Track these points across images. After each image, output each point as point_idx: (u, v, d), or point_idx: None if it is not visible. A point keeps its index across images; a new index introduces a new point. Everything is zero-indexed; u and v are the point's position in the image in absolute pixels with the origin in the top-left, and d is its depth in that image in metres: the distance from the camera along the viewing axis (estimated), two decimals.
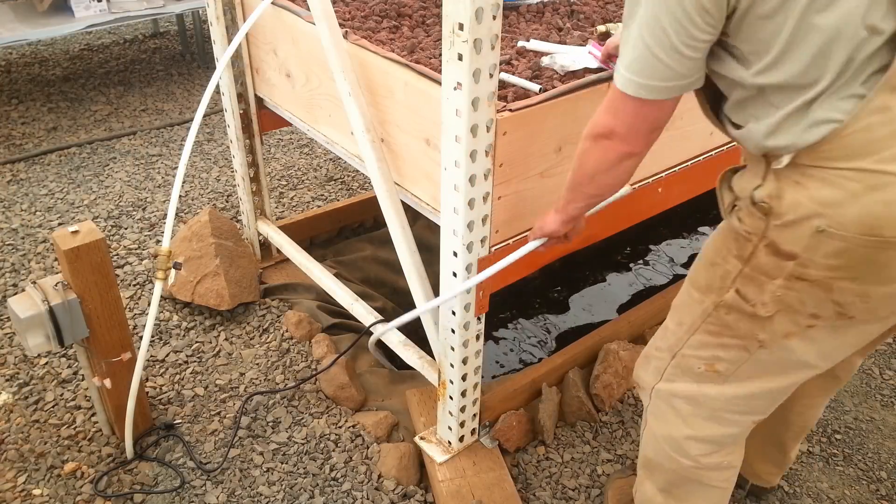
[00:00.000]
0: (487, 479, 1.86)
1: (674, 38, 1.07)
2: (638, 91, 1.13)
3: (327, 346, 2.26)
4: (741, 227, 1.19)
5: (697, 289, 1.33)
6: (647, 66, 1.11)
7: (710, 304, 1.29)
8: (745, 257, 1.20)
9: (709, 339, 1.33)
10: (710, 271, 1.28)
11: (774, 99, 1.09)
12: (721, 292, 1.26)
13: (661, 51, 1.08)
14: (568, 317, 2.81)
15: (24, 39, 3.53)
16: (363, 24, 1.93)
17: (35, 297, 1.66)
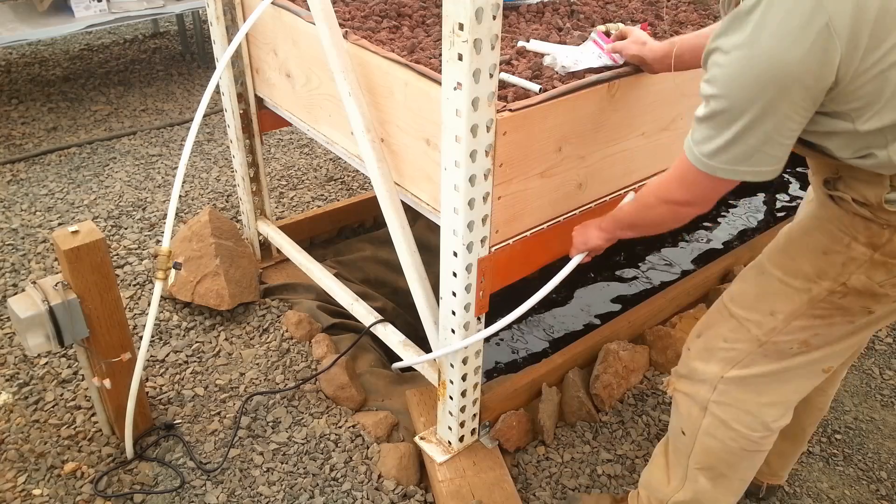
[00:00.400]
0: (487, 479, 1.86)
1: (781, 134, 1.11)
2: (727, 174, 1.17)
3: (327, 346, 2.26)
4: (877, 218, 1.21)
5: (802, 277, 1.34)
6: (743, 160, 1.14)
7: (822, 290, 1.31)
8: (880, 243, 1.23)
9: (813, 322, 1.35)
10: (823, 260, 1.30)
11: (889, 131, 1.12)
12: (841, 277, 1.29)
13: (768, 146, 1.12)
14: (568, 317, 2.81)
15: (24, 39, 3.53)
16: (363, 24, 1.93)
17: (35, 297, 1.66)
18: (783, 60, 1.03)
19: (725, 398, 1.48)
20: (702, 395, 1.51)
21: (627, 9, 2.13)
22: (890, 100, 1.09)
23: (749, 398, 1.46)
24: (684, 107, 1.86)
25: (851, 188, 1.23)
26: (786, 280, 1.37)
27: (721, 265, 2.61)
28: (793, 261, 1.36)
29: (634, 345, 2.26)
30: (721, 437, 1.51)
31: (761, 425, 1.48)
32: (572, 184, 1.71)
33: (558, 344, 2.63)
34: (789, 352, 1.40)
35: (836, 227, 1.28)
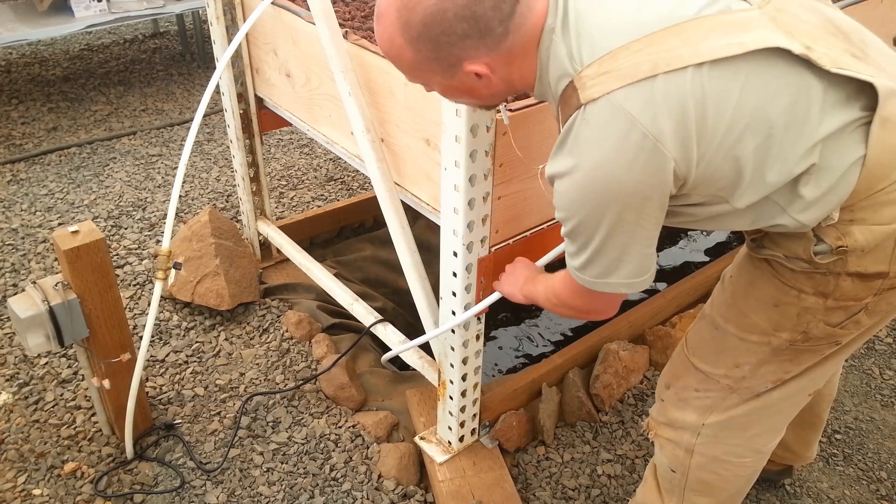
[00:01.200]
0: (487, 479, 1.86)
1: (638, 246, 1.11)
2: (609, 288, 1.16)
3: (327, 346, 2.26)
4: (818, 268, 1.17)
5: (758, 332, 1.30)
6: (639, 271, 1.14)
7: (783, 342, 1.28)
8: (828, 291, 1.19)
9: (781, 364, 1.32)
10: (776, 312, 1.26)
11: (778, 198, 1.10)
12: (799, 328, 1.25)
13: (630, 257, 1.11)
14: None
15: (24, 39, 3.53)
16: (363, 24, 1.93)
17: (35, 297, 1.66)
18: (613, 179, 1.02)
19: (711, 440, 1.46)
20: (685, 440, 1.48)
21: None
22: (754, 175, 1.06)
23: (736, 434, 1.44)
24: None
25: (779, 245, 1.20)
26: (742, 336, 1.33)
27: (721, 265, 2.61)
28: (745, 317, 1.32)
29: (634, 345, 2.26)
30: (713, 469, 1.50)
31: (752, 452, 1.47)
32: None
33: (557, 345, 2.63)
34: (765, 389, 1.37)
35: (780, 280, 1.24)
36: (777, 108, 1.03)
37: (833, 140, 1.06)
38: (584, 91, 1.02)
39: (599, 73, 1.01)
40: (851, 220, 1.11)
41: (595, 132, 1.02)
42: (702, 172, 1.05)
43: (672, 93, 1.00)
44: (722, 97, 1.01)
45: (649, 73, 0.99)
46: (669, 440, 1.52)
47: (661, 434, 1.54)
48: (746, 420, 1.42)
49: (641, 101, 0.99)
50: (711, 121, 1.02)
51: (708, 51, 1.00)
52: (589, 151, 1.03)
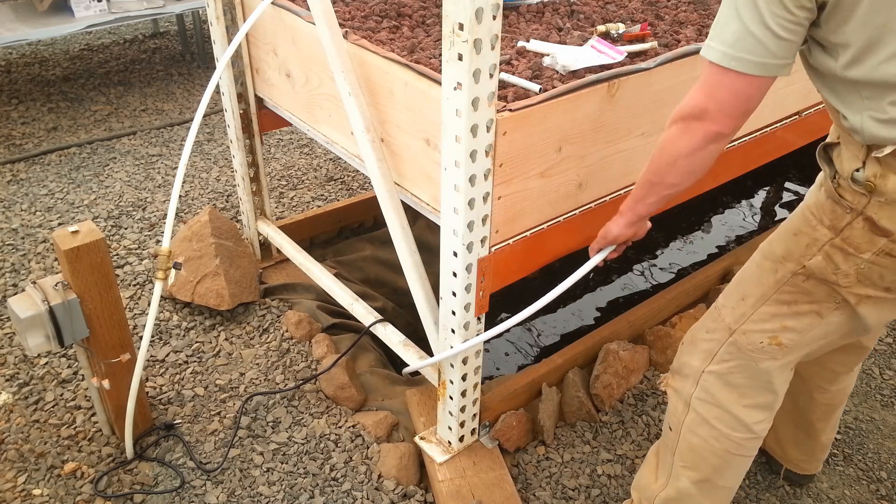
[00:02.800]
0: (487, 479, 1.86)
1: (767, 15, 1.10)
2: (731, 63, 1.14)
3: (327, 346, 2.26)
4: (841, 199, 1.22)
5: (771, 258, 1.38)
6: (741, 40, 1.13)
7: (786, 272, 1.34)
8: (840, 228, 1.24)
9: (780, 308, 1.37)
10: (792, 241, 1.33)
11: (866, 92, 1.13)
12: (803, 259, 1.31)
13: (755, 27, 1.11)
14: (567, 317, 2.81)
15: (24, 39, 3.53)
16: (363, 24, 1.93)
17: (35, 297, 1.66)
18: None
19: (707, 396, 1.50)
20: (686, 390, 1.53)
21: (627, 9, 2.13)
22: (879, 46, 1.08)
23: (730, 398, 1.47)
24: None
25: (839, 157, 1.24)
26: (760, 262, 1.41)
27: (721, 265, 2.61)
28: (770, 243, 1.40)
29: (634, 345, 2.26)
30: (703, 435, 1.52)
31: (743, 427, 1.49)
32: (572, 184, 1.71)
33: (557, 345, 2.63)
34: (759, 347, 1.41)
35: (810, 211, 1.30)
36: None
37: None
38: None
39: None
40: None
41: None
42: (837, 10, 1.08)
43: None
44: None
45: None
46: (675, 391, 1.57)
47: (671, 384, 1.59)
48: (742, 381, 1.45)
49: None
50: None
51: None
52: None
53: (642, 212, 1.46)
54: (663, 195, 1.39)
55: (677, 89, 1.80)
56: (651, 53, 1.79)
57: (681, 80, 1.78)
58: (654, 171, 1.35)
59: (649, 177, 1.37)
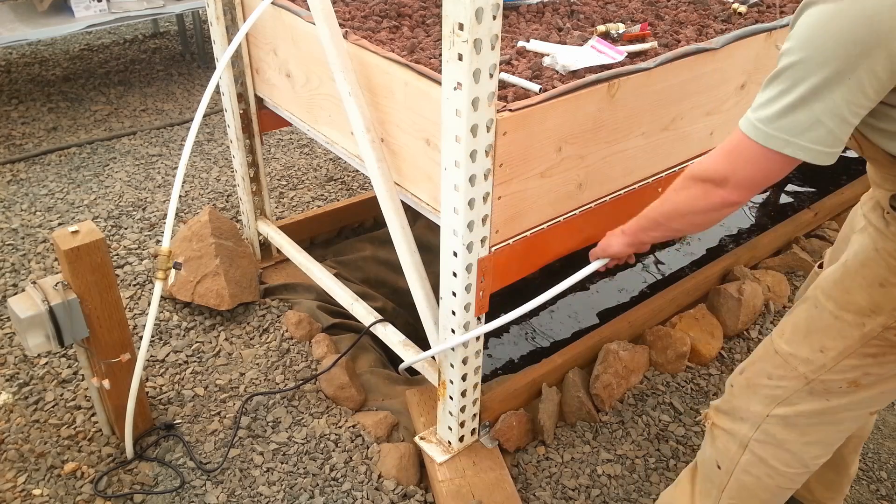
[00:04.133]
0: (487, 479, 1.86)
1: (843, 106, 1.03)
2: (787, 149, 1.07)
3: (327, 346, 2.26)
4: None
5: (854, 311, 1.26)
6: (809, 130, 1.05)
7: (876, 326, 1.24)
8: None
9: (865, 360, 1.28)
10: (879, 292, 1.22)
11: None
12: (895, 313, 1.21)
13: (828, 117, 1.04)
14: (568, 317, 2.81)
15: (24, 39, 3.53)
16: (363, 24, 1.93)
17: (35, 297, 1.66)
18: (874, 16, 0.95)
19: (768, 438, 1.42)
20: (743, 433, 1.44)
21: (627, 9, 2.13)
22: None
23: (793, 437, 1.40)
24: (684, 107, 1.86)
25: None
26: (838, 314, 1.28)
27: (721, 265, 2.61)
28: (847, 293, 1.27)
29: (634, 345, 2.26)
30: (757, 474, 1.46)
31: (800, 463, 1.43)
32: (572, 184, 1.71)
33: (557, 345, 2.63)
34: (838, 391, 1.32)
35: (894, 259, 1.20)
36: None
37: None
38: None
39: None
40: None
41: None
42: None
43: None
44: None
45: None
46: (725, 431, 1.48)
47: (719, 424, 1.50)
48: (808, 422, 1.37)
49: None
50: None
51: None
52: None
53: (645, 240, 1.45)
54: (668, 235, 1.40)
55: (677, 89, 1.80)
56: (651, 53, 1.79)
57: (681, 80, 1.78)
58: (663, 215, 1.34)
59: (657, 217, 1.35)
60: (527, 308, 1.63)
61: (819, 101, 1.03)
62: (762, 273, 2.66)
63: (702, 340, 2.36)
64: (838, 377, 1.31)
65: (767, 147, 1.09)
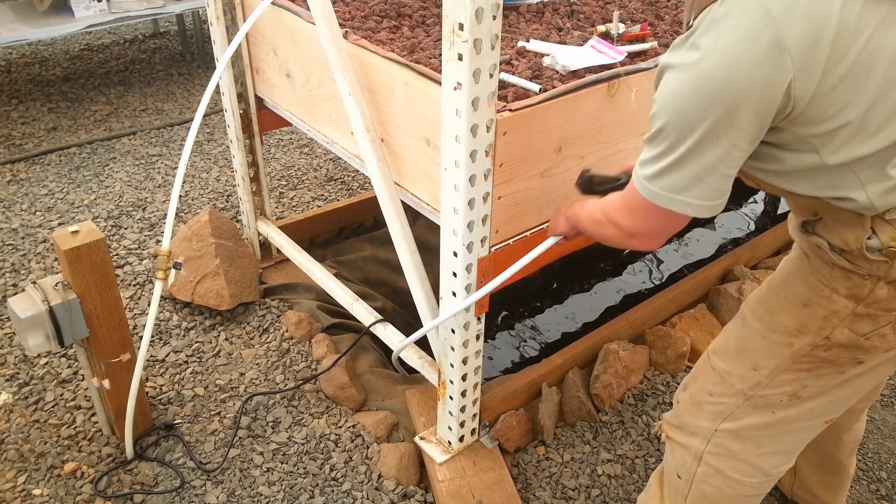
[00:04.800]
0: (487, 479, 1.86)
1: (720, 163, 1.05)
2: (675, 206, 1.10)
3: (327, 346, 2.26)
4: (858, 268, 1.13)
5: (781, 331, 1.27)
6: (689, 189, 1.08)
7: (804, 345, 1.24)
8: (862, 296, 1.14)
9: (800, 375, 1.28)
10: (804, 312, 1.23)
11: (861, 168, 1.05)
12: (822, 332, 1.21)
13: (707, 175, 1.06)
14: (567, 317, 2.81)
15: (24, 39, 3.53)
16: (363, 24, 1.93)
17: (35, 297, 1.66)
18: (730, 78, 0.98)
19: (720, 450, 1.42)
20: (696, 446, 1.45)
21: (627, 9, 2.13)
22: (858, 129, 1.02)
23: (746, 449, 1.40)
24: None
25: (831, 231, 1.15)
26: (766, 334, 1.30)
27: (721, 265, 2.61)
28: (773, 314, 1.29)
29: (634, 345, 2.26)
30: (717, 485, 1.46)
31: (760, 472, 1.42)
32: (572, 184, 1.71)
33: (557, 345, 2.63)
34: (780, 404, 1.33)
35: (816, 278, 1.21)
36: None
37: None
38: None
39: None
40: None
41: (730, 25, 0.98)
42: (816, 104, 1.01)
43: (819, 9, 0.95)
44: (864, 29, 0.96)
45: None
46: (680, 444, 1.49)
47: (673, 437, 1.51)
48: (758, 434, 1.37)
49: (787, 4, 0.96)
50: (844, 49, 0.97)
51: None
52: (717, 44, 0.99)
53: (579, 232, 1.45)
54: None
55: None
56: (651, 53, 1.79)
57: None
58: (590, 232, 1.35)
59: (587, 228, 1.36)
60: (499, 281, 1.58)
61: (694, 160, 1.05)
62: (762, 273, 2.66)
63: (702, 340, 2.36)
64: (776, 391, 1.31)
65: (657, 205, 1.11)
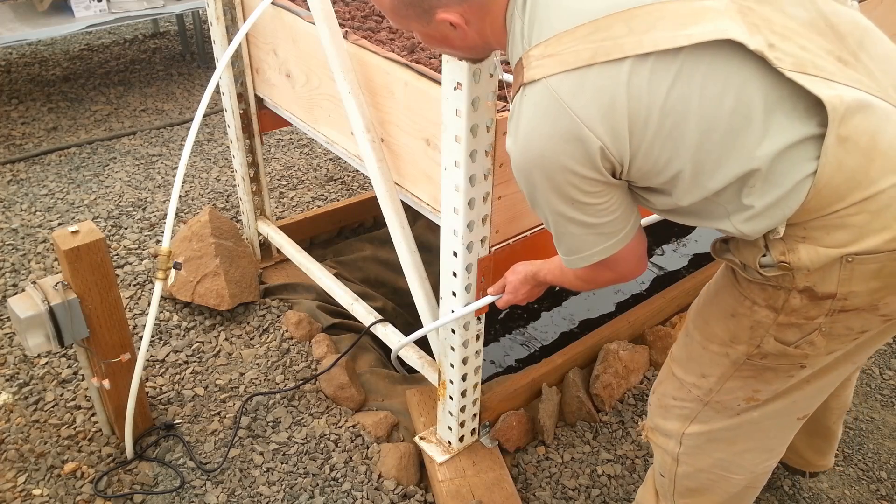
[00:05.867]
0: (487, 479, 1.86)
1: (588, 217, 1.10)
2: (590, 261, 1.17)
3: (327, 346, 2.26)
4: (767, 280, 1.14)
5: (717, 342, 1.29)
6: (587, 244, 1.15)
7: (740, 354, 1.25)
8: (778, 306, 1.15)
9: (746, 381, 1.29)
10: (732, 322, 1.24)
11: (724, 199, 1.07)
12: (753, 342, 1.22)
13: (586, 232, 1.12)
14: (567, 317, 2.81)
15: (24, 39, 3.53)
16: (363, 24, 1.93)
17: (35, 297, 1.66)
18: (543, 157, 1.04)
19: (694, 450, 1.43)
20: (670, 448, 1.47)
21: None
22: (693, 175, 1.04)
23: (721, 448, 1.41)
24: None
25: (737, 250, 1.16)
26: (705, 345, 1.31)
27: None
28: (707, 324, 1.31)
29: (634, 345, 2.26)
30: (700, 479, 1.47)
31: (741, 469, 1.43)
32: None
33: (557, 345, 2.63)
34: (738, 407, 1.33)
35: (738, 290, 1.22)
36: (719, 108, 0.99)
37: (782, 152, 0.99)
38: (528, 71, 1.04)
39: (543, 56, 1.02)
40: (803, 238, 1.06)
41: (530, 112, 1.04)
42: (640, 164, 1.05)
43: (604, 85, 0.99)
44: (659, 91, 0.99)
45: (586, 62, 0.99)
46: (658, 445, 1.51)
47: (651, 438, 1.54)
48: (729, 435, 1.38)
49: (574, 89, 1.00)
50: (644, 115, 1.00)
51: (651, 42, 0.98)
52: (524, 130, 1.05)
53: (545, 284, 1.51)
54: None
55: None
56: None
57: None
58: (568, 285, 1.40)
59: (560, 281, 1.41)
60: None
61: (561, 227, 1.14)
62: None
63: None
64: (730, 396, 1.32)
65: (581, 267, 1.19)
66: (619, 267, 1.20)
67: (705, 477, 1.46)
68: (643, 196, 1.15)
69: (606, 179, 1.07)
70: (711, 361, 1.31)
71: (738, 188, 1.04)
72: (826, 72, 1.00)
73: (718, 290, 1.29)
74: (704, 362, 1.33)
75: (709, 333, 1.30)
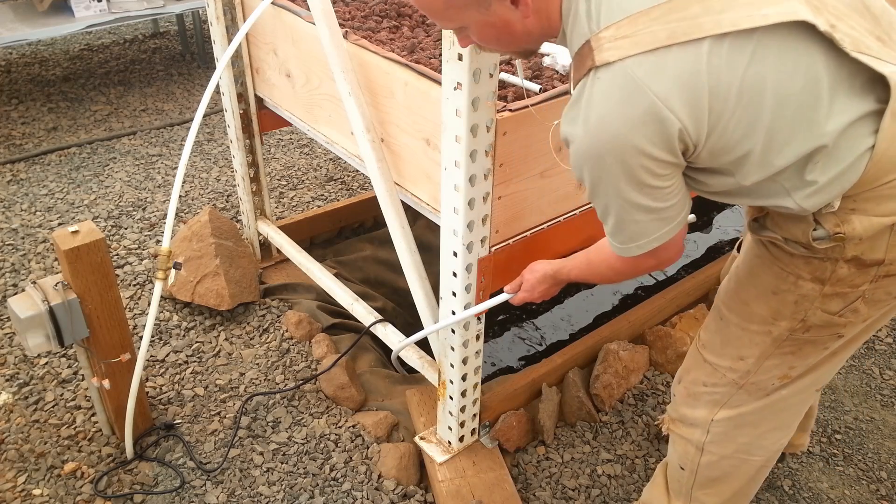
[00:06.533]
0: (487, 479, 1.86)
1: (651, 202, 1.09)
2: (644, 249, 1.16)
3: (327, 346, 2.26)
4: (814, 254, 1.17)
5: (757, 321, 1.31)
6: (644, 233, 1.14)
7: (783, 330, 1.28)
8: (825, 277, 1.18)
9: (784, 358, 1.32)
10: (775, 300, 1.26)
11: (785, 177, 1.09)
12: (797, 315, 1.25)
13: (645, 218, 1.11)
14: (567, 317, 2.81)
15: (24, 39, 3.53)
16: (363, 24, 1.93)
17: (35, 297, 1.66)
18: (617, 138, 1.02)
19: (721, 438, 1.46)
20: (696, 437, 1.49)
21: None
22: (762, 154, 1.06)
23: (746, 432, 1.45)
24: None
25: (779, 226, 1.20)
26: (744, 326, 1.34)
27: (720, 265, 2.61)
28: (746, 305, 1.33)
29: (634, 345, 2.26)
30: (722, 467, 1.50)
31: (761, 449, 1.47)
32: (572, 184, 1.71)
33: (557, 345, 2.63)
34: (772, 387, 1.38)
35: (778, 266, 1.24)
36: (792, 86, 1.01)
37: (846, 128, 1.04)
38: (600, 53, 1.02)
39: (617, 37, 1.01)
40: (853, 210, 1.10)
41: (605, 96, 1.02)
42: (714, 143, 1.05)
43: (686, 64, 0.99)
44: (736, 71, 1.00)
45: (664, 43, 0.99)
46: (681, 437, 1.53)
47: (674, 430, 1.56)
48: (756, 418, 1.42)
49: (654, 70, 0.99)
50: (724, 93, 1.01)
51: (729, 22, 0.98)
52: (597, 114, 1.03)
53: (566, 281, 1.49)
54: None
55: None
56: None
57: None
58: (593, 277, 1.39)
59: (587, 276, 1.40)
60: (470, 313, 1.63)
61: (626, 214, 1.11)
62: None
63: None
64: (766, 376, 1.36)
65: (634, 256, 1.18)
66: (664, 253, 1.19)
67: (728, 464, 1.49)
68: (699, 178, 1.15)
69: (678, 161, 1.07)
70: (751, 342, 1.34)
71: (801, 165, 1.06)
72: (874, 51, 1.04)
73: (753, 270, 1.30)
74: (743, 344, 1.35)
75: (747, 314, 1.32)
